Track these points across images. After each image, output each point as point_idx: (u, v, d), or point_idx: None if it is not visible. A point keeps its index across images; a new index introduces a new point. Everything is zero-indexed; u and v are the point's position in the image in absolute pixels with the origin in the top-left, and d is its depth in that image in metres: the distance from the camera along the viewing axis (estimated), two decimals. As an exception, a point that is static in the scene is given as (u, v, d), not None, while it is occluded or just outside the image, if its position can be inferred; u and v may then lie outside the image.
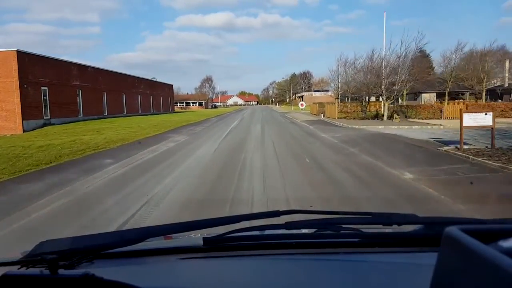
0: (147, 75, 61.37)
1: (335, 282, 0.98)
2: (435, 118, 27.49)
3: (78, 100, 29.98)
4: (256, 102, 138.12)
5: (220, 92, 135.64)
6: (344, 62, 38.01)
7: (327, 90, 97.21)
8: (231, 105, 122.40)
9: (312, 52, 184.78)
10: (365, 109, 29.17)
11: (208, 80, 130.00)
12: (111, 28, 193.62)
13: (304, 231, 1.28)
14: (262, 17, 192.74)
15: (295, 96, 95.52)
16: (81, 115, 29.86)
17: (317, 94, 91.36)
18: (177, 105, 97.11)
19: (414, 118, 27.54)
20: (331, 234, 1.16)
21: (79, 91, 30.02)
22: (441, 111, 28.25)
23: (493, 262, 0.46)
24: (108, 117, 33.95)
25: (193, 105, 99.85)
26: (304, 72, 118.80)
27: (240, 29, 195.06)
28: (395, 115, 26.15)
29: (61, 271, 0.84)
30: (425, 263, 0.88)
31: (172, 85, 60.99)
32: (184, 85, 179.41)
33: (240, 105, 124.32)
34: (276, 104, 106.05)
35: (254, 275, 1.06)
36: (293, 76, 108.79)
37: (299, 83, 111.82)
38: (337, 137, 14.65)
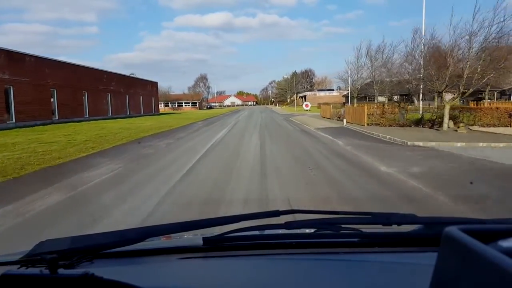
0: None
1: (335, 282, 0.97)
2: (502, 126, 19.72)
3: (7, 99, 21.86)
4: (254, 103, 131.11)
5: (217, 92, 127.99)
6: (366, 51, 30.22)
7: (332, 90, 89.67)
8: (228, 106, 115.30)
9: (311, 52, 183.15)
10: (404, 112, 21.21)
11: (203, 78, 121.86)
12: (109, 28, 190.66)
13: (304, 231, 1.24)
14: (260, 17, 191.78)
15: (297, 96, 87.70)
16: (12, 121, 21.80)
17: (321, 93, 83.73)
18: (168, 106, 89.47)
19: (472, 125, 19.68)
20: (331, 234, 1.15)
21: (9, 87, 21.92)
22: (510, 116, 20.39)
23: (492, 262, 0.46)
24: (60, 122, 25.92)
25: (185, 105, 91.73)
26: (305, 70, 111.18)
27: (239, 29, 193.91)
28: (452, 122, 18.23)
29: (61, 271, 0.83)
30: (424, 263, 0.87)
31: (156, 83, 52.95)
32: (182, 85, 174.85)
33: (238, 105, 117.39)
34: (276, 105, 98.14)
35: (254, 275, 1.04)
36: (294, 74, 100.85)
37: (301, 82, 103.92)
38: (424, 178, 6.70)
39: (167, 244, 1.29)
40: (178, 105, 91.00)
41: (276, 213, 1.11)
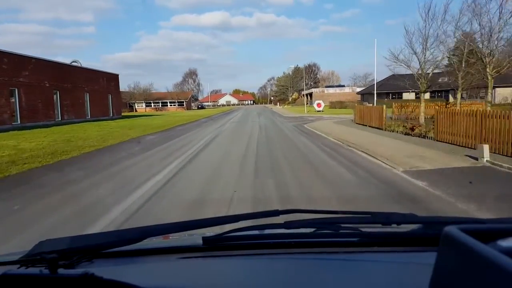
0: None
1: (334, 281, 0.98)
2: None
3: None
4: (252, 102, 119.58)
5: (212, 91, 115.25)
6: (445, 8, 16.84)
7: (343, 86, 77.18)
8: (223, 105, 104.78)
9: (309, 51, 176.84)
10: None
11: (192, 74, 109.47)
12: (106, 28, 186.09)
13: (303, 230, 1.24)
14: (257, 16, 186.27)
15: (300, 93, 74.35)
16: None
17: (331, 90, 72.17)
18: (150, 106, 76.30)
19: None
20: (330, 234, 1.17)
21: None
22: None
23: (492, 261, 0.46)
24: None
25: (171, 105, 78.39)
26: (309, 65, 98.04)
27: (236, 29, 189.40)
28: None
29: (61, 271, 0.84)
30: (424, 262, 0.88)
31: (117, 75, 39.84)
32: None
33: (233, 104, 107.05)
34: (276, 104, 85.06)
35: (253, 274, 1.06)
36: (297, 69, 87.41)
37: (303, 78, 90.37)
38: None
39: (167, 244, 1.31)
40: (162, 105, 77.62)
41: (276, 213, 1.13)
